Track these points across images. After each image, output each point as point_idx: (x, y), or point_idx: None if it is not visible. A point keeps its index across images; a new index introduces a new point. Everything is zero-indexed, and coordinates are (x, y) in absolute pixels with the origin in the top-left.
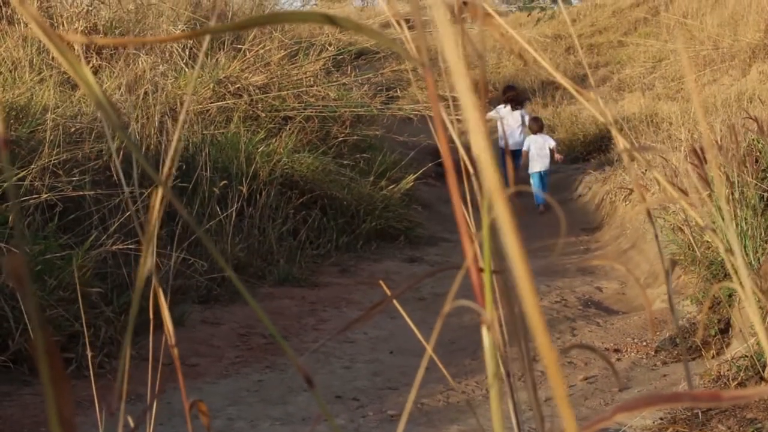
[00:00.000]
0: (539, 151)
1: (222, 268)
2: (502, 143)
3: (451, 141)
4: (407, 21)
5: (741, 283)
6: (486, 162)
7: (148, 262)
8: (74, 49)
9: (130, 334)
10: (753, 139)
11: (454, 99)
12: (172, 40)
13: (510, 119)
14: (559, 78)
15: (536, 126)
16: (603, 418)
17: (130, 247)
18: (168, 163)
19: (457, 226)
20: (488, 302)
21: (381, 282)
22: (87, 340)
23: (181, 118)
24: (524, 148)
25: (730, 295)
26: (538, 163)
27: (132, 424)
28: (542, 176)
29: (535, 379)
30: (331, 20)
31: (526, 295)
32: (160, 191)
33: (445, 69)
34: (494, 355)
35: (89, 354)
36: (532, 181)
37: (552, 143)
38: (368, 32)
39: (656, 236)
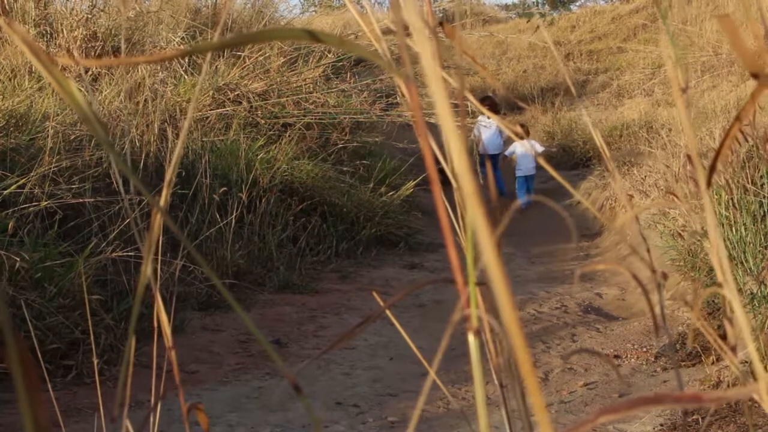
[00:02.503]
0: (525, 154)
1: (222, 274)
2: (480, 149)
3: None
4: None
5: (730, 289)
6: (463, 171)
7: (148, 270)
8: (74, 56)
9: (131, 341)
10: (752, 146)
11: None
12: (163, 59)
13: (489, 126)
14: (502, 89)
15: (524, 131)
16: (587, 421)
17: (129, 254)
18: (168, 178)
19: (455, 233)
20: (473, 311)
21: (374, 292)
22: (93, 347)
23: (186, 126)
24: (510, 152)
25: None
26: (524, 167)
27: (132, 431)
28: (528, 179)
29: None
30: (313, 36)
31: (503, 305)
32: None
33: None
34: (480, 363)
35: (95, 361)
36: (517, 183)
37: (539, 148)
38: (350, 46)
39: (647, 245)
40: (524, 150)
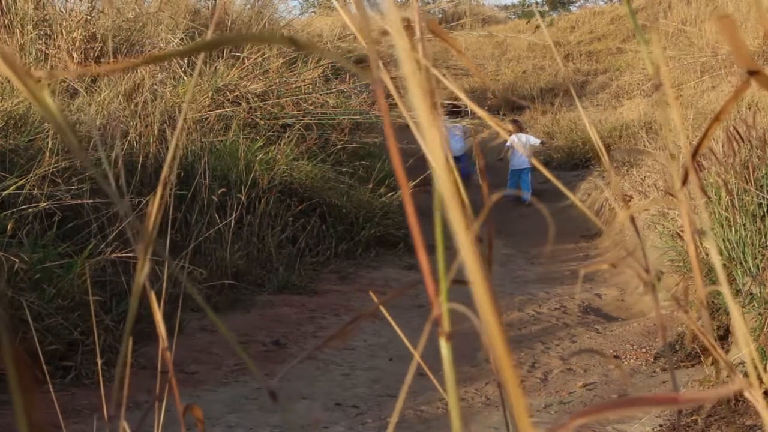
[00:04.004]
0: (521, 148)
1: (222, 275)
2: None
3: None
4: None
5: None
6: (441, 169)
7: (145, 268)
8: (73, 57)
9: (127, 341)
10: (752, 147)
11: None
12: (148, 63)
13: (450, 128)
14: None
15: (515, 127)
16: (561, 425)
17: (129, 255)
18: (163, 177)
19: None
20: (444, 314)
21: (371, 291)
22: (96, 347)
23: (179, 125)
24: (507, 146)
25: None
26: (516, 160)
27: None
28: (524, 173)
29: (526, 389)
30: (291, 41)
31: (482, 305)
32: (156, 200)
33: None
34: (453, 369)
35: (98, 362)
36: (509, 176)
37: (534, 140)
38: (323, 52)
39: (640, 240)
40: (520, 144)
